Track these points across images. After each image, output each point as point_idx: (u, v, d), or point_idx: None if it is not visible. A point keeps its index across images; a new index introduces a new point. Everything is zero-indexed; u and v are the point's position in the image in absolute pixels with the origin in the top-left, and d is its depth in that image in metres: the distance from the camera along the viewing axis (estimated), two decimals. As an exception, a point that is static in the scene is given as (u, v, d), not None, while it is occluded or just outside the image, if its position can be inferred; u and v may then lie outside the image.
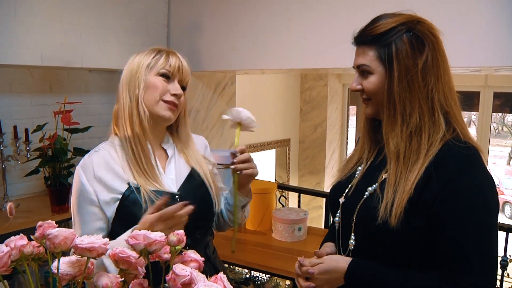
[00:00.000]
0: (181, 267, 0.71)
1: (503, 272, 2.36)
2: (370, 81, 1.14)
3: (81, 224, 1.27)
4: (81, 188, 1.26)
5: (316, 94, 5.26)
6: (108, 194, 1.26)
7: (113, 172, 1.28)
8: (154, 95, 1.31)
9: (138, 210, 1.24)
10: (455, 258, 1.02)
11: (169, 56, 1.34)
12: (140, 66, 1.32)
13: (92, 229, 1.26)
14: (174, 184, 1.35)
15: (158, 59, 1.33)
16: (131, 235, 0.79)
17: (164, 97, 1.32)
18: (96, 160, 1.29)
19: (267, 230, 2.50)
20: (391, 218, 1.06)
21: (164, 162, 1.38)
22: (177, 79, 1.35)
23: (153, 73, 1.32)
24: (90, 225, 1.26)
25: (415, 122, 1.09)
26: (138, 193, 1.25)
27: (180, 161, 1.41)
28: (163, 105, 1.32)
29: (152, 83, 1.31)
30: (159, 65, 1.32)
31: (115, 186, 1.27)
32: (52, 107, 2.59)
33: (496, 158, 10.93)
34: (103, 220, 1.28)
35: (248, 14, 2.73)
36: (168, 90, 1.32)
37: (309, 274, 1.16)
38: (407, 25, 1.09)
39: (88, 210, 1.26)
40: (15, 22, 2.22)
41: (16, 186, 2.60)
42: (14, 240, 0.76)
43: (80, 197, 1.27)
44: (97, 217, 1.27)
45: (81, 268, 0.77)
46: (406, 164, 1.09)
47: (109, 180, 1.27)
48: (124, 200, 1.26)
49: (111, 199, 1.26)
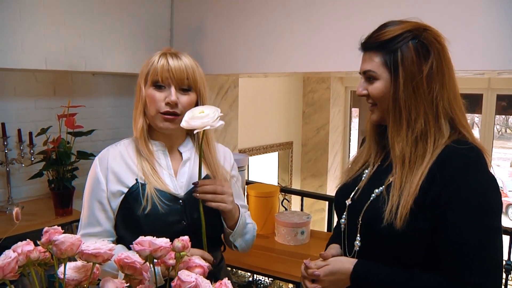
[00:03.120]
0: (186, 273, 0.72)
1: (507, 277, 2.35)
2: (375, 87, 1.15)
3: (87, 210, 1.32)
4: (94, 177, 1.32)
5: (318, 97, 5.26)
6: (116, 186, 1.30)
7: (126, 165, 1.32)
8: (151, 108, 1.30)
9: (138, 206, 1.26)
10: (459, 259, 1.03)
11: (159, 60, 1.29)
12: (140, 77, 1.33)
13: (93, 219, 1.30)
14: (183, 188, 1.33)
15: (150, 67, 1.30)
16: (137, 241, 0.80)
17: (160, 109, 1.29)
18: (112, 153, 1.34)
19: (270, 234, 2.50)
20: (396, 220, 1.07)
21: (177, 165, 1.37)
22: (172, 83, 1.29)
23: (148, 84, 1.31)
24: (94, 213, 1.31)
25: (420, 128, 1.10)
26: (143, 189, 1.27)
27: (196, 167, 1.35)
28: (160, 117, 1.30)
29: (149, 96, 1.30)
30: (150, 73, 1.30)
31: (125, 178, 1.30)
32: (56, 110, 2.60)
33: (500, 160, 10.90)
34: (107, 213, 1.31)
35: (251, 18, 2.73)
36: (163, 100, 1.28)
37: (315, 276, 1.17)
38: (413, 32, 1.10)
39: (96, 198, 1.30)
40: (19, 26, 2.24)
41: (20, 189, 2.61)
42: (21, 245, 0.76)
43: (92, 186, 1.32)
44: (102, 207, 1.30)
45: (87, 273, 0.77)
46: (412, 169, 1.10)
47: (121, 172, 1.31)
48: (129, 195, 1.28)
49: (118, 191, 1.29)
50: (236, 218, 1.36)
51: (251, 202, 2.54)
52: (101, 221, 1.31)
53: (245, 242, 1.43)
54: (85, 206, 1.33)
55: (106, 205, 1.30)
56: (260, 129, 4.62)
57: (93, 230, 1.31)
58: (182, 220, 1.30)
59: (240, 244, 1.42)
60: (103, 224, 1.31)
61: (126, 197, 1.29)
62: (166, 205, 1.28)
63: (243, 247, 1.43)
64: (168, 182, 1.32)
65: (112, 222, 1.32)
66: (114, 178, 1.30)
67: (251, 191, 2.52)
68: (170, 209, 1.28)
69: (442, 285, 1.04)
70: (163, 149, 1.37)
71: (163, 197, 1.28)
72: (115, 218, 1.31)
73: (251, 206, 2.54)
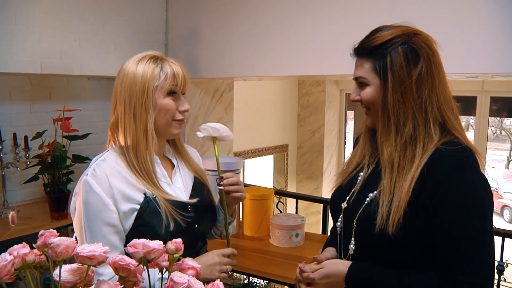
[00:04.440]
0: (179, 274, 0.73)
1: (500, 277, 2.37)
2: (366, 92, 1.17)
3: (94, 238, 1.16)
4: (96, 199, 1.17)
5: (313, 100, 5.28)
6: (126, 205, 1.20)
7: (127, 181, 1.22)
8: (167, 117, 1.28)
9: (157, 220, 1.21)
10: (452, 258, 1.04)
11: (173, 70, 1.27)
12: (146, 87, 1.24)
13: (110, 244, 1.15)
14: (183, 193, 1.35)
15: (165, 77, 1.26)
16: (130, 243, 0.81)
17: (176, 117, 1.30)
18: (108, 169, 1.21)
19: (265, 236, 2.51)
20: (388, 226, 1.08)
21: (170, 172, 1.38)
22: (181, 90, 1.31)
23: (163, 94, 1.26)
24: (106, 239, 1.17)
25: (409, 132, 1.11)
26: (156, 202, 1.22)
27: (184, 170, 1.41)
28: (175, 124, 1.31)
29: (165, 106, 1.27)
30: (168, 83, 1.26)
31: (132, 195, 1.21)
32: (51, 114, 2.61)
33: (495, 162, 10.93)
34: (120, 235, 1.20)
35: (245, 21, 2.75)
36: (177, 108, 1.30)
37: (310, 280, 1.19)
38: (403, 37, 1.12)
39: (105, 221, 1.17)
40: (14, 30, 2.24)
41: (15, 193, 2.62)
42: (17, 248, 0.77)
43: (95, 209, 1.17)
44: (115, 230, 1.19)
45: (82, 276, 0.78)
46: (401, 174, 1.11)
47: (126, 189, 1.21)
48: (143, 210, 1.21)
49: (130, 210, 1.20)
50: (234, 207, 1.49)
51: (245, 205, 2.55)
52: (116, 244, 1.19)
53: (233, 227, 1.54)
54: (92, 234, 1.17)
55: (119, 226, 1.19)
56: (256, 132, 4.63)
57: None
58: (195, 224, 1.32)
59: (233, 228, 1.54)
60: (119, 248, 1.20)
61: (140, 214, 1.21)
62: (182, 215, 1.27)
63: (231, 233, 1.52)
64: (169, 190, 1.31)
65: (123, 242, 1.22)
66: (121, 197, 1.19)
67: (246, 194, 2.52)
68: (186, 217, 1.29)
69: (436, 284, 1.06)
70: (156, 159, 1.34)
71: (175, 206, 1.26)
72: (127, 236, 1.22)
73: (246, 209, 2.55)
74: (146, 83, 1.24)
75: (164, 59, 1.30)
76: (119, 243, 1.20)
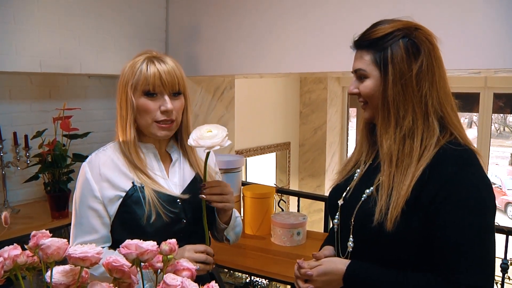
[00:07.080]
0: (172, 276, 0.72)
1: (504, 275, 2.35)
2: (365, 85, 1.16)
3: (80, 218, 1.29)
4: (85, 184, 1.28)
5: (315, 97, 5.26)
6: (112, 191, 1.27)
7: (119, 170, 1.30)
8: (146, 118, 1.29)
9: (140, 209, 1.26)
10: (452, 258, 1.03)
11: (150, 71, 1.26)
12: (125, 85, 1.28)
13: (89, 226, 1.27)
14: (177, 188, 1.36)
15: (139, 75, 1.26)
16: (123, 244, 0.79)
17: (156, 118, 1.28)
18: (103, 158, 1.31)
19: (266, 235, 2.50)
20: (386, 221, 1.07)
21: (168, 166, 1.39)
22: (165, 91, 1.28)
23: (138, 94, 1.28)
24: (88, 221, 1.27)
25: (408, 126, 1.10)
26: (142, 192, 1.27)
27: (185, 166, 1.41)
28: (156, 126, 1.29)
29: (141, 106, 1.28)
30: (140, 83, 1.26)
31: (120, 183, 1.28)
32: (51, 113, 2.60)
33: (498, 159, 10.87)
34: (103, 219, 1.28)
35: (246, 18, 2.73)
36: (158, 108, 1.27)
37: (308, 276, 1.18)
38: (404, 31, 1.11)
39: (89, 205, 1.27)
40: (14, 29, 2.23)
41: (16, 192, 2.61)
42: (7, 250, 0.76)
43: (83, 192, 1.28)
44: (97, 214, 1.27)
45: (75, 277, 0.77)
46: (400, 168, 1.10)
47: (114, 177, 1.28)
48: (128, 198, 1.27)
49: (115, 196, 1.27)
50: (230, 214, 1.41)
51: (247, 203, 2.54)
52: (97, 227, 1.28)
53: (236, 234, 1.49)
54: (77, 213, 1.30)
55: (101, 211, 1.28)
56: (257, 130, 4.62)
57: (89, 238, 1.28)
58: (182, 219, 1.32)
59: (231, 236, 1.47)
60: (99, 231, 1.29)
61: (124, 201, 1.27)
62: (166, 209, 1.28)
63: (233, 239, 1.49)
64: (163, 183, 1.33)
65: (108, 228, 1.30)
66: (108, 184, 1.28)
67: (247, 192, 2.52)
68: (171, 211, 1.30)
69: (435, 284, 1.04)
70: (154, 152, 1.38)
71: (162, 199, 1.29)
72: (112, 222, 1.30)
73: (247, 207, 2.53)
74: (125, 81, 1.29)
75: (154, 59, 1.28)
76: (101, 227, 1.29)
